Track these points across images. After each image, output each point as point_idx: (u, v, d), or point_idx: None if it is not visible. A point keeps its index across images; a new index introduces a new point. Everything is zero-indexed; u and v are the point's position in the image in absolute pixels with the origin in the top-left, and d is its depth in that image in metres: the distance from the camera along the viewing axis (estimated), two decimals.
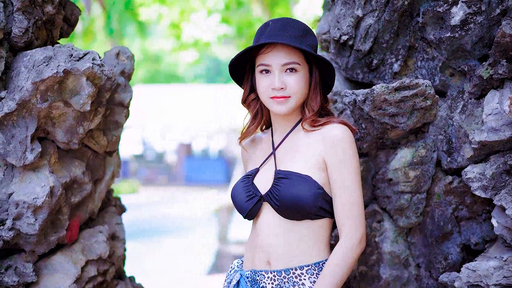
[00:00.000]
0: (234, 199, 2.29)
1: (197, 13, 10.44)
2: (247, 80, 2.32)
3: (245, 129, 2.38)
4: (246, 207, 2.22)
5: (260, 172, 2.28)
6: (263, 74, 2.21)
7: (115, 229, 2.86)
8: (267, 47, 2.19)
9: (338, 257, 2.09)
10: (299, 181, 2.12)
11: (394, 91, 2.37)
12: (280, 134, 2.31)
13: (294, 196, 2.10)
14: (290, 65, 2.18)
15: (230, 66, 2.28)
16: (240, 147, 2.48)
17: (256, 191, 2.22)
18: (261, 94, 2.24)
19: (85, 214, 2.71)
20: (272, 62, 2.19)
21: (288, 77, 2.19)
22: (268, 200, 2.18)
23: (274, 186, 2.16)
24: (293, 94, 2.20)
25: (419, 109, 2.44)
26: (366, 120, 2.51)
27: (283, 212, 2.15)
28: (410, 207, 2.55)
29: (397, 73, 2.62)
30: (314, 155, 2.17)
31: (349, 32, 2.60)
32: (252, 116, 2.36)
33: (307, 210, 2.11)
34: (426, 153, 2.51)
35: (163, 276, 8.85)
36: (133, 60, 2.79)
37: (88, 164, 2.71)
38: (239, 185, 2.29)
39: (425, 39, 2.55)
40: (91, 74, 2.39)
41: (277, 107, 2.21)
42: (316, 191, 2.12)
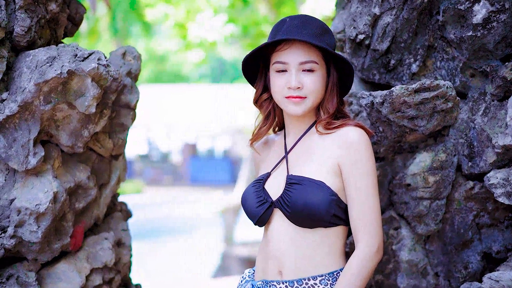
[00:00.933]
0: (245, 205, 2.19)
1: (202, 13, 10.33)
2: (260, 79, 2.22)
3: (256, 130, 2.27)
4: (256, 213, 2.13)
5: (272, 176, 2.18)
6: (278, 73, 2.11)
7: (121, 236, 2.76)
8: (284, 44, 2.09)
9: (354, 267, 1.99)
10: (311, 187, 2.02)
11: (414, 92, 2.26)
12: (293, 136, 2.21)
13: (306, 202, 2.01)
14: (308, 64, 2.08)
15: (244, 64, 2.18)
16: (251, 149, 2.37)
17: (267, 196, 2.12)
18: (275, 93, 2.14)
19: (90, 220, 2.62)
20: (289, 60, 2.08)
21: (305, 77, 2.09)
22: (279, 206, 2.08)
23: (285, 192, 2.06)
24: (309, 94, 2.10)
25: (440, 111, 2.33)
26: (383, 123, 2.40)
27: (294, 219, 2.05)
28: (429, 214, 2.44)
29: (415, 74, 2.51)
30: (328, 159, 2.07)
31: (366, 31, 2.49)
32: (264, 117, 2.26)
33: (320, 217, 2.01)
34: (446, 157, 2.40)
35: (168, 277, 8.77)
36: (140, 60, 2.69)
37: (93, 168, 2.61)
38: (249, 190, 2.20)
39: (445, 38, 2.44)
40: (97, 75, 2.29)
41: (293, 108, 2.10)
42: (330, 198, 2.02)
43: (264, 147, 2.35)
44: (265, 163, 2.29)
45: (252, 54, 2.13)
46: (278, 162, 2.20)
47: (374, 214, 2.02)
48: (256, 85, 2.24)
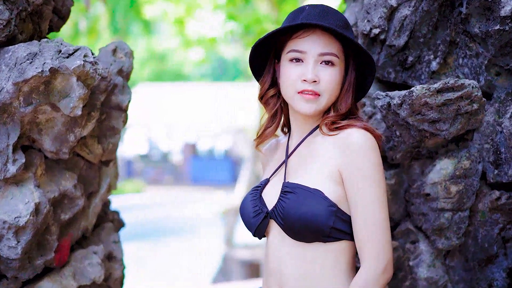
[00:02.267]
0: (242, 214, 2.00)
1: (202, 10, 10.12)
2: (268, 72, 1.99)
3: (261, 131, 2.04)
4: (253, 224, 1.93)
5: (270, 184, 1.97)
6: (293, 63, 1.87)
7: (112, 248, 2.53)
8: (304, 31, 1.85)
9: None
10: (305, 196, 1.79)
11: (436, 93, 2.02)
12: (297, 138, 1.99)
13: (300, 214, 1.78)
14: (328, 56, 1.85)
15: (253, 51, 1.94)
16: (254, 149, 2.17)
17: (262, 206, 1.91)
18: (287, 87, 1.89)
19: (77, 233, 2.39)
20: (307, 49, 1.85)
21: (323, 70, 1.85)
22: (274, 217, 1.88)
23: (279, 202, 1.85)
24: (325, 91, 1.86)
25: (464, 114, 2.10)
26: (401, 127, 2.17)
27: (289, 232, 1.83)
28: (451, 227, 2.22)
29: (435, 72, 2.28)
30: (327, 165, 1.83)
31: (381, 24, 2.26)
32: (271, 115, 2.02)
33: (316, 231, 1.79)
34: (470, 164, 2.17)
35: (167, 278, 8.59)
36: (132, 57, 2.46)
37: (80, 175, 2.38)
38: (247, 198, 1.99)
39: (468, 32, 2.21)
40: (82, 73, 2.06)
41: (304, 106, 1.86)
42: (327, 209, 1.78)
43: (271, 150, 2.14)
44: (268, 168, 2.09)
45: (264, 39, 1.89)
46: (278, 167, 1.99)
47: (380, 229, 1.78)
48: (263, 79, 2.01)
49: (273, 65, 1.99)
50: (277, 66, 1.98)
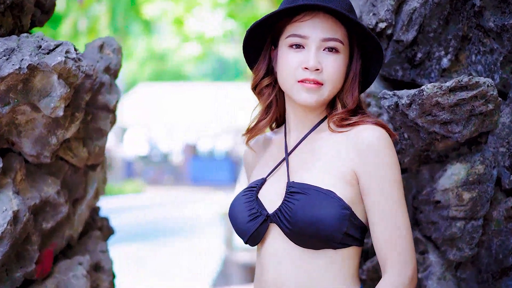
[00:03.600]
0: (233, 218, 1.78)
1: (201, 8, 9.98)
2: (264, 59, 1.81)
3: (253, 124, 1.86)
4: (247, 229, 1.72)
5: (268, 183, 1.78)
6: (292, 49, 1.71)
7: (100, 258, 2.37)
8: (305, 14, 1.69)
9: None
10: (318, 197, 1.62)
11: (449, 92, 1.86)
12: (296, 134, 1.81)
13: (311, 217, 1.61)
14: (332, 42, 1.69)
15: (248, 36, 1.77)
16: (245, 148, 1.98)
17: (261, 208, 1.72)
18: (285, 75, 1.72)
19: (61, 242, 2.22)
20: (310, 34, 1.68)
21: (326, 58, 1.69)
22: (276, 221, 1.68)
23: (285, 204, 1.66)
24: (328, 81, 1.69)
25: (478, 114, 1.94)
26: (410, 129, 2.01)
27: (296, 238, 1.65)
28: (463, 237, 2.05)
29: (446, 69, 2.12)
30: (340, 164, 1.67)
31: (388, 18, 2.09)
32: (265, 107, 1.85)
33: (328, 237, 1.62)
34: (484, 169, 2.01)
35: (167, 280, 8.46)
36: (120, 54, 2.29)
37: (64, 181, 2.22)
38: (239, 199, 1.79)
39: (482, 27, 2.05)
40: (64, 70, 1.90)
41: (305, 96, 1.69)
42: (342, 212, 1.61)
43: (261, 146, 1.95)
44: (258, 167, 1.88)
45: (261, 22, 1.72)
46: (276, 166, 1.80)
47: (405, 233, 1.64)
48: (257, 66, 1.83)
49: (269, 52, 1.82)
50: (273, 53, 1.81)
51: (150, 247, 10.92)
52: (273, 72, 1.82)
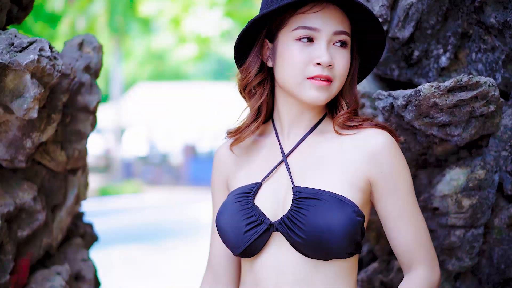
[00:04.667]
0: (224, 228, 1.63)
1: (198, 7, 9.87)
2: (257, 54, 1.66)
3: (243, 128, 1.70)
4: (244, 240, 1.58)
5: (264, 188, 1.63)
6: (300, 43, 1.58)
7: (80, 267, 2.25)
8: (315, 4, 1.57)
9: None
10: (333, 203, 1.51)
11: (447, 92, 1.74)
12: (291, 135, 1.68)
13: (328, 225, 1.49)
14: (342, 35, 1.59)
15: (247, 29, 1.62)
16: (220, 148, 1.80)
17: (262, 216, 1.58)
18: (292, 71, 1.58)
19: (39, 251, 2.11)
20: (321, 26, 1.56)
21: (337, 53, 1.59)
22: (283, 229, 1.54)
23: (296, 211, 1.53)
24: (338, 77, 1.59)
25: (478, 116, 1.82)
26: (406, 131, 1.90)
27: (306, 248, 1.52)
28: (463, 246, 1.94)
29: (445, 68, 2.00)
30: (350, 170, 1.57)
31: (383, 14, 1.98)
32: (255, 109, 1.69)
33: (343, 246, 1.51)
34: (485, 174, 1.89)
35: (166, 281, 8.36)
36: (101, 52, 2.18)
37: (42, 186, 2.10)
38: (231, 206, 1.63)
39: (483, 23, 1.93)
40: (37, 69, 1.78)
41: (315, 94, 1.57)
42: (356, 219, 1.51)
43: (240, 149, 1.77)
44: (245, 170, 1.72)
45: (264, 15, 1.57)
46: (273, 169, 1.65)
47: (427, 232, 1.64)
48: (249, 63, 1.67)
49: (261, 46, 1.67)
50: (266, 48, 1.67)
51: (149, 247, 10.83)
52: (265, 69, 1.69)
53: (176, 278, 8.60)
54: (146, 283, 7.98)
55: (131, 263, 9.22)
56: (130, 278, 7.96)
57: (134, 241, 11.15)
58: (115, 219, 13.09)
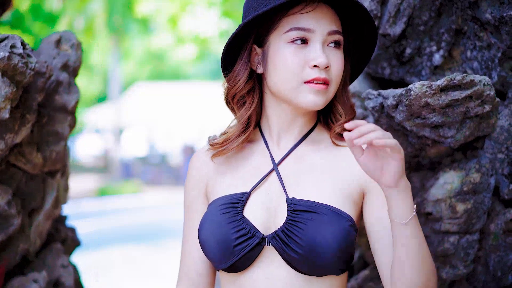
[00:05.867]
0: (209, 241, 1.52)
1: (195, 6, 9.79)
2: (245, 61, 1.57)
3: (231, 140, 1.60)
4: (233, 254, 1.48)
5: (253, 199, 1.53)
6: (294, 45, 1.49)
7: (60, 274, 2.16)
8: (307, 5, 1.49)
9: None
10: (331, 217, 1.44)
11: (440, 91, 1.66)
12: (281, 143, 1.60)
13: (326, 241, 1.42)
14: (336, 35, 1.52)
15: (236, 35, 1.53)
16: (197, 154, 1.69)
17: (253, 229, 1.48)
18: (287, 76, 1.50)
19: (15, 257, 2.02)
20: (315, 27, 1.49)
21: (332, 54, 1.52)
22: (277, 244, 1.46)
23: (291, 224, 1.45)
24: (334, 80, 1.52)
25: (473, 117, 1.73)
26: (397, 133, 1.81)
27: (300, 264, 1.45)
28: (457, 253, 1.85)
29: (438, 67, 1.92)
30: (345, 181, 1.51)
31: (373, 9, 1.89)
32: (245, 120, 1.60)
33: (339, 261, 1.45)
34: (480, 178, 1.81)
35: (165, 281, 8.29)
36: (80, 49, 2.09)
37: (18, 189, 2.01)
38: (218, 218, 1.52)
39: (478, 19, 1.85)
40: (8, 67, 1.69)
41: (313, 99, 1.49)
42: (353, 234, 1.46)
43: (222, 156, 1.66)
44: (227, 178, 1.61)
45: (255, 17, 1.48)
46: (262, 179, 1.56)
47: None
48: (237, 71, 1.57)
49: (249, 52, 1.57)
50: (254, 54, 1.58)
51: (149, 247, 10.77)
52: (253, 77, 1.60)
53: (176, 278, 8.55)
54: (146, 283, 7.92)
55: (130, 263, 9.16)
56: (130, 278, 7.90)
57: (134, 241, 11.10)
58: (115, 219, 13.03)
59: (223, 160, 1.64)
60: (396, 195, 1.33)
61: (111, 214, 13.52)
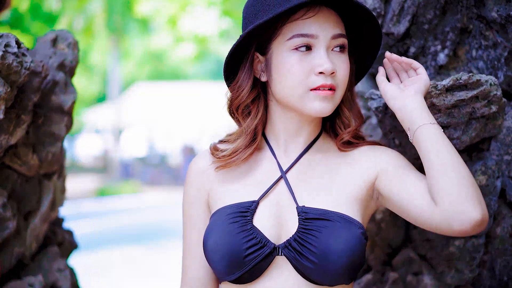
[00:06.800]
0: (217, 251, 1.47)
1: (195, 6, 9.75)
2: (248, 70, 1.53)
3: (239, 152, 1.55)
4: (244, 265, 1.44)
5: (262, 207, 1.50)
6: (298, 52, 1.46)
7: (56, 278, 2.12)
8: (308, 10, 1.46)
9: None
10: (344, 225, 1.43)
11: (446, 91, 1.61)
12: (288, 151, 1.57)
13: (340, 248, 1.40)
14: (341, 38, 1.49)
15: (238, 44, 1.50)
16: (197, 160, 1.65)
17: (264, 238, 1.45)
18: (293, 83, 1.47)
19: (10, 261, 1.98)
20: (318, 32, 1.46)
21: (337, 58, 1.49)
22: (289, 254, 1.43)
23: (304, 233, 1.42)
24: (341, 85, 1.50)
25: (479, 118, 1.69)
26: (401, 134, 1.77)
27: (314, 273, 1.41)
28: (463, 257, 1.81)
29: (443, 66, 1.88)
30: (351, 183, 1.50)
31: (377, 7, 1.85)
32: (252, 130, 1.56)
33: (352, 270, 1.43)
34: (486, 180, 1.76)
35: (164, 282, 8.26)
36: (77, 48, 2.04)
37: (14, 192, 1.97)
38: (227, 228, 1.47)
39: (483, 18, 1.81)
40: (3, 66, 1.66)
41: (320, 105, 1.47)
42: (364, 241, 1.44)
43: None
44: (232, 186, 1.57)
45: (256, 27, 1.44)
46: (270, 187, 1.52)
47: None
48: (240, 81, 1.54)
49: (251, 61, 1.54)
50: (257, 62, 1.55)
51: (148, 247, 10.75)
52: (257, 84, 1.57)
53: (175, 278, 8.51)
54: (145, 283, 7.90)
55: (130, 263, 9.13)
56: (129, 278, 7.87)
57: (133, 241, 11.08)
58: (114, 220, 13.00)
59: (227, 170, 1.60)
60: (412, 101, 1.45)
61: (110, 215, 13.49)
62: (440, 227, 1.40)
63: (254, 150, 1.57)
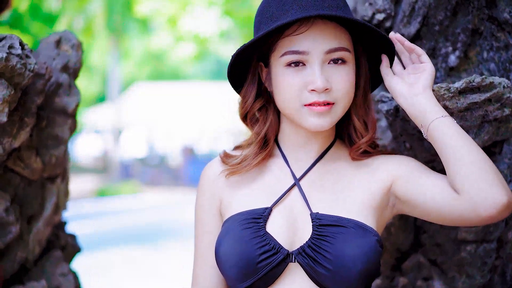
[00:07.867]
0: (229, 257, 1.45)
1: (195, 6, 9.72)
2: (253, 79, 1.54)
3: (250, 158, 1.55)
4: (257, 271, 1.42)
5: (275, 214, 1.48)
6: (291, 68, 1.45)
7: (60, 282, 2.09)
8: (301, 25, 1.43)
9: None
10: (357, 231, 1.41)
11: (458, 94, 1.58)
12: (300, 158, 1.56)
13: (355, 255, 1.38)
14: (337, 52, 1.45)
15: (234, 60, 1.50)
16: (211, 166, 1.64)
17: (277, 245, 1.43)
18: (287, 99, 1.47)
19: (13, 265, 1.95)
20: (310, 48, 1.43)
21: (334, 72, 1.45)
22: (303, 260, 1.41)
23: (319, 239, 1.40)
24: (340, 99, 1.46)
25: (492, 121, 1.66)
26: (412, 137, 1.74)
27: (328, 280, 1.39)
28: (474, 262, 1.78)
29: (454, 68, 1.85)
30: (365, 191, 1.48)
31: (387, 8, 1.82)
32: (262, 136, 1.56)
33: (364, 277, 1.40)
34: None
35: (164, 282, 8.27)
36: (80, 50, 2.02)
37: (17, 195, 1.94)
38: (239, 233, 1.46)
39: (495, 19, 1.78)
40: (6, 68, 1.62)
41: (316, 121, 1.45)
42: (379, 249, 1.42)
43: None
44: (244, 193, 1.56)
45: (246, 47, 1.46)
46: (283, 194, 1.51)
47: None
48: (246, 90, 1.56)
49: (258, 70, 1.56)
50: (263, 71, 1.55)
51: (148, 248, 10.75)
52: (265, 92, 1.57)
53: (175, 278, 8.49)
54: (145, 283, 7.90)
55: (130, 263, 9.13)
56: (129, 278, 7.87)
57: (133, 241, 11.08)
58: (114, 220, 13.00)
59: (237, 176, 1.58)
60: (423, 98, 1.45)
61: (110, 215, 13.49)
62: (464, 217, 1.38)
63: (266, 157, 1.56)
